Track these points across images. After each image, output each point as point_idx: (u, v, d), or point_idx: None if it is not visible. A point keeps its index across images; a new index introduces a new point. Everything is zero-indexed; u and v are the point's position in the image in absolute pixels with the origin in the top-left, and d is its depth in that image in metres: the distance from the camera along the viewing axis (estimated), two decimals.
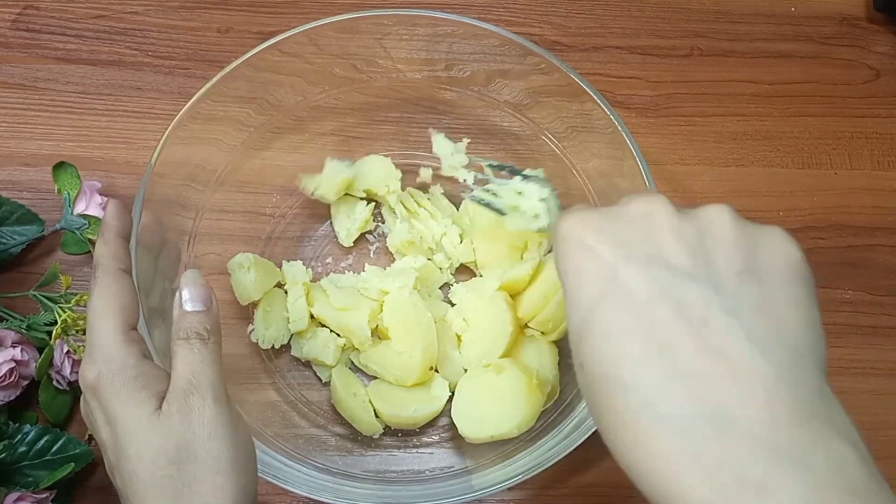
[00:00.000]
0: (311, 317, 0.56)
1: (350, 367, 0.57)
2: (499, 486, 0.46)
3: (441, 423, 0.56)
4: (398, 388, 0.55)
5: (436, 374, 0.55)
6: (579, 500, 0.56)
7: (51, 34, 0.67)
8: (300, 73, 0.56)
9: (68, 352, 0.52)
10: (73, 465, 0.50)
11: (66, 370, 0.52)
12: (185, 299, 0.40)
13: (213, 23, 0.68)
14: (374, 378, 0.56)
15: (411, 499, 0.50)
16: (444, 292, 0.59)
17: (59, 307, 0.52)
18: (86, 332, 0.41)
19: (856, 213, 0.66)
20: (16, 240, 0.57)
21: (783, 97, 0.69)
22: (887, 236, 0.65)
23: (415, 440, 0.55)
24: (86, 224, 0.56)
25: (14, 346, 0.52)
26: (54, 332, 0.51)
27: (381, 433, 0.55)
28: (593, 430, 0.46)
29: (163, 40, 0.67)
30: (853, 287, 0.63)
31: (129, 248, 0.43)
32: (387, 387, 0.55)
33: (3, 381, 0.50)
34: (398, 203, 0.60)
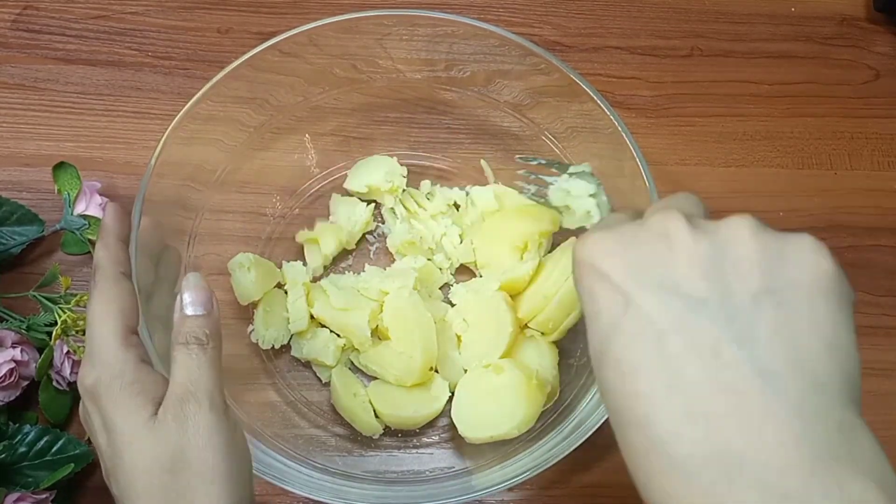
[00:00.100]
0: (311, 317, 0.56)
1: (350, 367, 0.57)
2: (499, 487, 0.46)
3: (441, 423, 0.56)
4: (398, 388, 0.55)
5: (436, 375, 0.55)
6: (579, 501, 0.56)
7: (51, 34, 0.67)
8: (300, 74, 0.56)
9: (68, 352, 0.52)
10: (72, 465, 0.50)
11: (66, 371, 0.52)
12: (186, 303, 0.40)
13: (212, 23, 0.68)
14: (374, 378, 0.56)
15: (411, 499, 0.50)
16: (444, 292, 0.59)
17: (59, 308, 0.52)
18: (85, 337, 0.41)
19: (856, 213, 0.66)
20: (16, 240, 0.57)
21: (783, 97, 0.69)
22: (888, 237, 0.65)
23: (415, 440, 0.55)
24: (86, 224, 0.56)
25: (14, 347, 0.52)
26: (54, 333, 0.51)
27: (380, 433, 0.55)
28: (593, 430, 0.46)
29: (163, 41, 0.67)
30: (854, 287, 0.63)
31: (129, 252, 0.43)
32: (387, 387, 0.55)
33: (3, 382, 0.50)
34: (398, 203, 0.60)
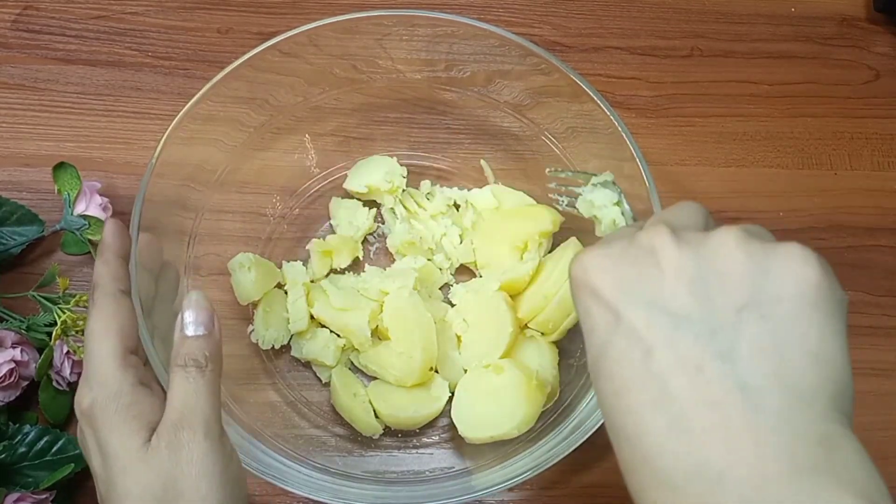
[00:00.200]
0: (311, 317, 0.56)
1: (350, 367, 0.57)
2: (499, 487, 0.46)
3: (441, 423, 0.56)
4: (398, 388, 0.55)
5: (436, 375, 0.55)
6: (579, 501, 0.56)
7: (51, 34, 0.67)
8: (300, 74, 0.56)
9: (68, 352, 0.52)
10: (72, 465, 0.50)
11: (66, 371, 0.52)
12: (187, 322, 0.39)
13: (212, 23, 0.68)
14: (374, 378, 0.56)
15: (411, 499, 0.50)
16: (444, 293, 0.59)
17: (59, 308, 0.52)
18: (83, 356, 0.40)
19: (856, 213, 0.66)
20: (16, 240, 0.57)
21: (783, 97, 0.69)
22: (887, 237, 0.65)
23: (415, 441, 0.55)
24: (86, 224, 0.56)
25: (14, 347, 0.52)
26: (54, 333, 0.51)
27: (380, 434, 0.55)
28: (593, 430, 0.46)
29: (163, 41, 0.67)
30: (853, 287, 0.63)
31: (129, 269, 0.42)
32: (387, 387, 0.55)
33: (2, 382, 0.50)
34: (398, 203, 0.60)
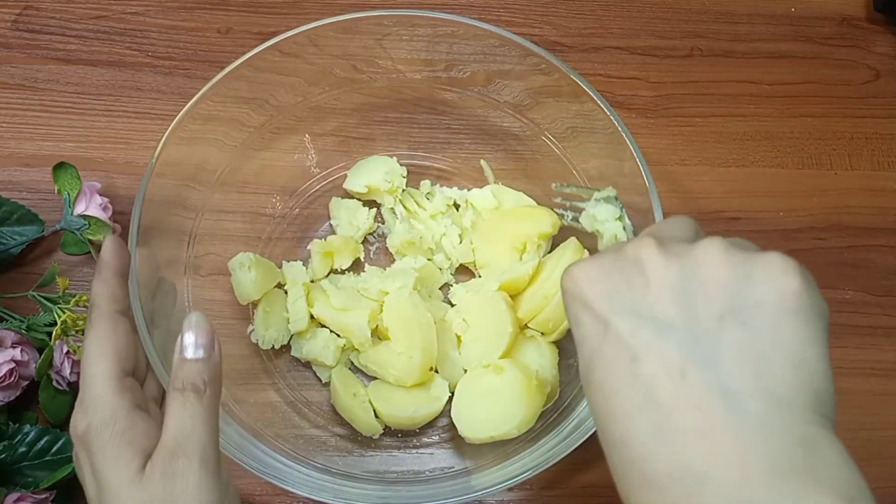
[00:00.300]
0: (311, 317, 0.56)
1: (350, 367, 0.57)
2: (499, 487, 0.46)
3: (441, 423, 0.56)
4: (398, 388, 0.55)
5: (435, 375, 0.55)
6: (579, 501, 0.56)
7: (51, 34, 0.66)
8: (300, 74, 0.56)
9: (68, 352, 0.52)
10: (72, 465, 0.50)
11: (66, 371, 0.52)
12: (186, 345, 0.38)
13: (213, 23, 0.68)
14: (374, 378, 0.56)
15: (411, 499, 0.50)
16: (444, 293, 0.59)
17: (59, 308, 0.52)
18: (79, 378, 0.39)
19: (856, 213, 0.66)
20: (16, 240, 0.57)
21: (783, 97, 0.69)
22: (887, 237, 0.65)
23: (415, 440, 0.55)
24: (86, 224, 0.56)
25: (14, 347, 0.52)
26: (54, 333, 0.51)
27: (380, 433, 0.55)
28: (593, 430, 0.46)
29: (163, 41, 0.67)
30: (853, 287, 0.63)
31: (128, 285, 0.42)
32: (387, 387, 0.55)
33: (3, 382, 0.50)
34: (398, 203, 0.60)
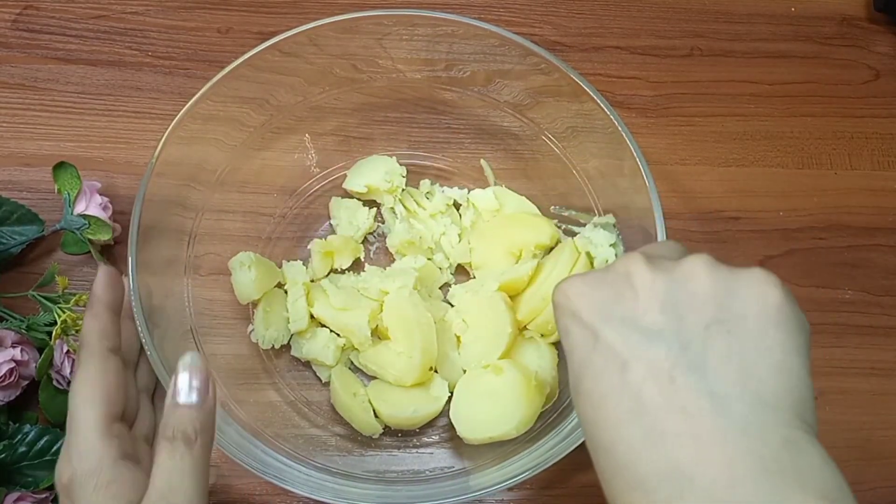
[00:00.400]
0: (311, 317, 0.56)
1: (350, 367, 0.57)
2: (498, 486, 0.46)
3: (440, 423, 0.56)
4: (398, 388, 0.55)
5: (435, 375, 0.55)
6: (579, 501, 0.56)
7: (51, 34, 0.66)
8: (300, 74, 0.56)
9: (68, 352, 0.52)
10: None
11: (66, 370, 0.52)
12: (180, 388, 0.36)
13: (213, 23, 0.68)
14: (374, 378, 0.56)
15: (411, 499, 0.50)
16: (443, 292, 0.59)
17: (59, 307, 0.52)
18: (66, 423, 0.38)
19: (856, 213, 0.66)
20: (16, 240, 0.57)
21: (783, 97, 0.69)
22: (887, 236, 0.65)
23: (414, 440, 0.55)
24: (86, 224, 0.56)
25: (14, 347, 0.52)
26: (54, 333, 0.51)
27: (380, 433, 0.55)
28: None
29: (163, 40, 0.67)
30: (853, 287, 0.63)
31: (120, 321, 0.41)
32: (386, 387, 0.55)
33: (3, 381, 0.50)
34: (397, 203, 0.60)
